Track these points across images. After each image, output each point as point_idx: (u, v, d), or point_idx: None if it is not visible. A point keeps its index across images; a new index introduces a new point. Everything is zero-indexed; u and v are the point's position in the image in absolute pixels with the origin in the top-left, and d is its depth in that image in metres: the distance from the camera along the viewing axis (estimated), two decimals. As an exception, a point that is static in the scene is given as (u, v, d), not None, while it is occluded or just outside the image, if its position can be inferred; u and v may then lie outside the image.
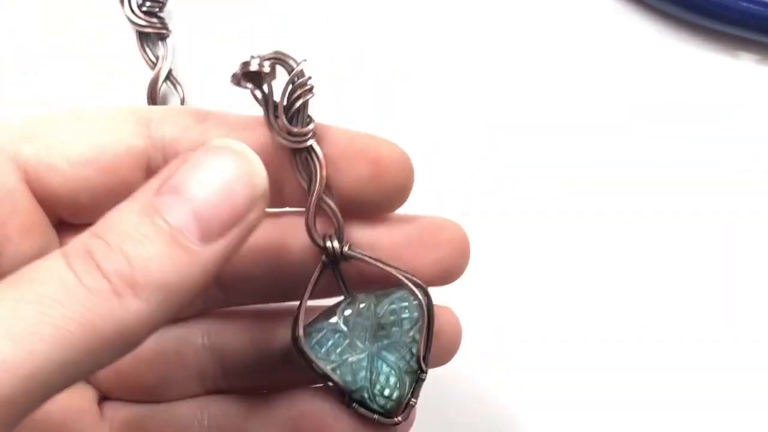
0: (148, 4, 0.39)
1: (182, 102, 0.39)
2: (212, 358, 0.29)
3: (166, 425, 0.29)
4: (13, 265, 0.26)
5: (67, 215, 0.28)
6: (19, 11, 0.39)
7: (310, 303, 0.28)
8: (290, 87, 0.26)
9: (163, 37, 0.39)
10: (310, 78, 0.27)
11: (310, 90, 0.27)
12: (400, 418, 0.28)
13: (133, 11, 0.39)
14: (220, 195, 0.24)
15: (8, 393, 0.21)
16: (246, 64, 0.26)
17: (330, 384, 0.28)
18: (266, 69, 0.26)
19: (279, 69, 0.27)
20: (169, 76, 0.39)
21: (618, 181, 0.39)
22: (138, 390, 0.29)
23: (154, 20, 0.39)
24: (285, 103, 0.27)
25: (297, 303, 0.28)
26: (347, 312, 0.28)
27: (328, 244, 0.28)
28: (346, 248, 0.28)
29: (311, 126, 0.27)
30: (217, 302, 0.30)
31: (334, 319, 0.28)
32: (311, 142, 0.27)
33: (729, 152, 0.40)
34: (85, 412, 0.29)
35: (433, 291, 0.28)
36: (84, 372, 0.23)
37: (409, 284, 0.28)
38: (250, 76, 0.26)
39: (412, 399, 0.28)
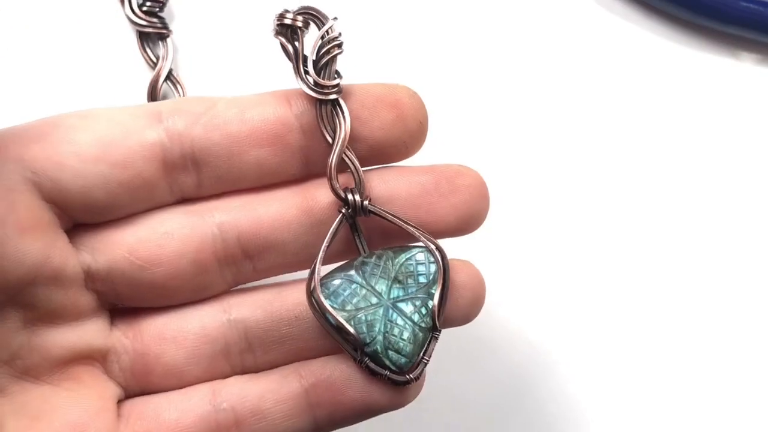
0: (148, 4, 0.39)
1: (182, 102, 0.39)
2: (237, 333, 0.29)
3: (181, 413, 0.29)
4: (14, 264, 0.26)
5: (82, 214, 0.28)
6: (19, 11, 0.40)
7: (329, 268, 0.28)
8: (320, 42, 0.27)
9: (163, 37, 0.39)
10: (340, 34, 0.28)
11: (339, 46, 0.28)
12: (411, 376, 0.28)
13: (133, 11, 0.39)
14: None
15: None
16: (280, 16, 0.27)
17: (345, 337, 0.28)
18: (299, 23, 0.27)
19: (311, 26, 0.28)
20: (169, 76, 0.39)
21: (620, 179, 0.40)
22: (160, 372, 0.29)
23: (154, 20, 0.39)
24: (314, 57, 0.27)
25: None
26: (364, 265, 0.28)
27: (349, 196, 0.28)
28: (366, 202, 0.28)
29: (338, 81, 0.28)
30: (247, 275, 0.30)
31: (350, 271, 0.28)
32: (337, 96, 0.28)
33: (729, 152, 0.40)
34: (104, 411, 0.28)
35: (454, 243, 0.29)
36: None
37: (428, 242, 0.28)
38: (283, 29, 0.27)
39: (425, 357, 0.28)
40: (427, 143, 0.29)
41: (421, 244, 0.29)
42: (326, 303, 0.28)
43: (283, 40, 0.27)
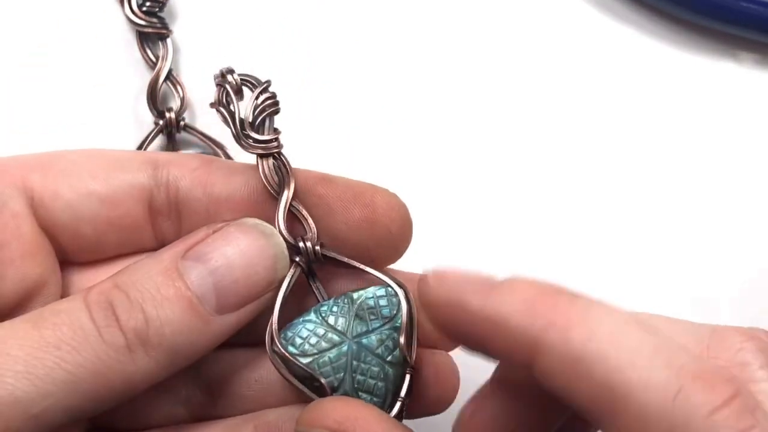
0: (148, 4, 0.39)
1: (182, 102, 0.39)
2: (197, 383, 0.29)
3: None
4: (14, 287, 0.27)
5: (70, 248, 0.28)
6: (18, 11, 0.39)
7: None
8: (255, 102, 0.27)
9: (163, 37, 0.39)
10: (274, 95, 0.28)
11: (275, 104, 0.28)
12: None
13: (133, 11, 0.39)
14: (242, 272, 0.26)
15: (17, 427, 0.23)
16: (222, 77, 0.28)
17: (312, 385, 0.27)
18: (237, 85, 0.28)
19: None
20: (169, 76, 0.39)
21: (617, 178, 0.40)
22: (122, 413, 0.29)
23: (154, 20, 0.39)
24: (251, 117, 0.27)
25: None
26: (321, 307, 0.28)
27: (301, 244, 0.27)
28: (317, 248, 0.28)
29: (276, 136, 0.28)
30: None
31: (308, 315, 0.28)
32: (277, 150, 0.28)
33: (729, 152, 0.40)
34: None
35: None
36: (85, 414, 0.24)
37: (390, 281, 0.28)
38: (220, 95, 0.28)
39: (401, 395, 0.27)
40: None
41: (381, 282, 0.28)
42: (288, 351, 0.27)
43: (222, 109, 0.27)
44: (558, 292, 0.23)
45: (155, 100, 0.38)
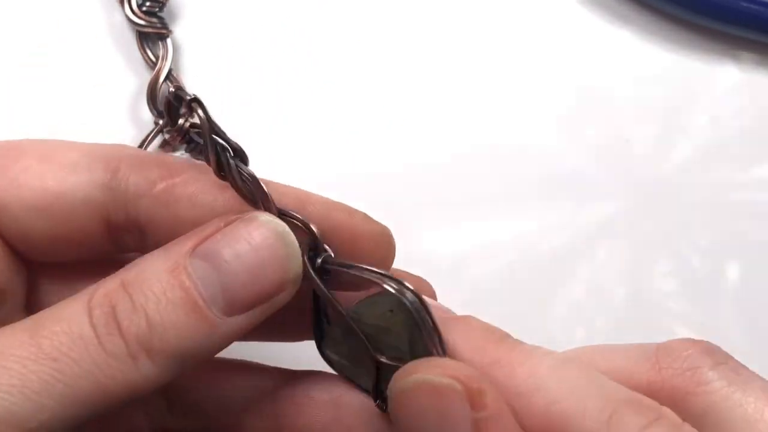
0: (148, 3, 0.39)
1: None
2: (157, 394, 0.28)
3: None
4: None
5: (29, 254, 0.27)
6: (18, 11, 0.39)
7: None
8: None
9: (163, 37, 0.39)
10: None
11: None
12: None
13: (133, 11, 0.39)
14: (251, 273, 0.24)
15: None
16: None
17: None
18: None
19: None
20: (169, 76, 0.39)
21: (618, 179, 0.40)
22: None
23: (154, 20, 0.39)
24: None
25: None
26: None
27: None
28: (318, 261, 0.26)
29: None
30: None
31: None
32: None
33: (728, 152, 0.40)
34: None
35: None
36: (84, 421, 0.23)
37: (390, 284, 0.26)
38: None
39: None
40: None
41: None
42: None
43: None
44: (504, 337, 0.25)
45: (155, 100, 0.38)
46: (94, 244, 0.27)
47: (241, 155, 0.25)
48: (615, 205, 0.39)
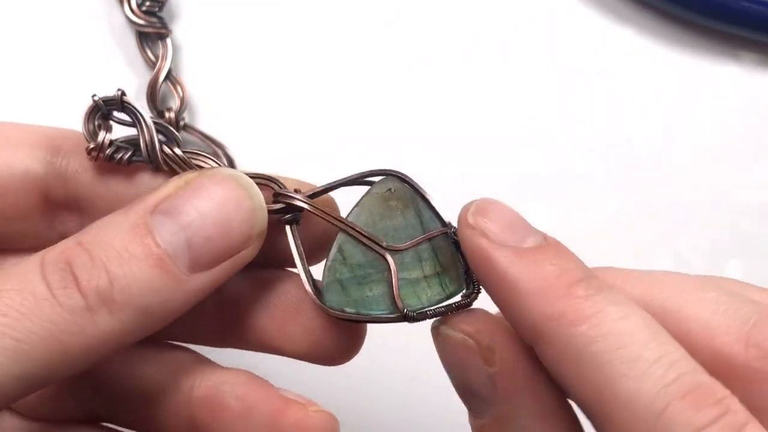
0: (147, 3, 0.39)
1: (182, 101, 0.39)
2: (82, 378, 0.27)
3: None
4: None
5: None
6: (18, 11, 0.39)
7: None
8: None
9: (162, 37, 0.39)
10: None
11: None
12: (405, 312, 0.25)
13: (133, 11, 0.39)
14: (216, 228, 0.24)
15: None
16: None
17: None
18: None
19: None
20: (168, 76, 0.39)
21: (617, 178, 0.40)
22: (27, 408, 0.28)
23: (154, 20, 0.39)
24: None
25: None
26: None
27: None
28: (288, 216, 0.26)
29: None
30: None
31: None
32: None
33: (729, 152, 0.40)
34: None
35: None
36: (43, 383, 0.23)
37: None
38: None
39: (432, 308, 0.25)
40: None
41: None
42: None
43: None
44: (578, 280, 0.22)
45: (155, 99, 0.38)
46: (32, 222, 0.27)
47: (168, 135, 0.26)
48: (615, 205, 0.39)
